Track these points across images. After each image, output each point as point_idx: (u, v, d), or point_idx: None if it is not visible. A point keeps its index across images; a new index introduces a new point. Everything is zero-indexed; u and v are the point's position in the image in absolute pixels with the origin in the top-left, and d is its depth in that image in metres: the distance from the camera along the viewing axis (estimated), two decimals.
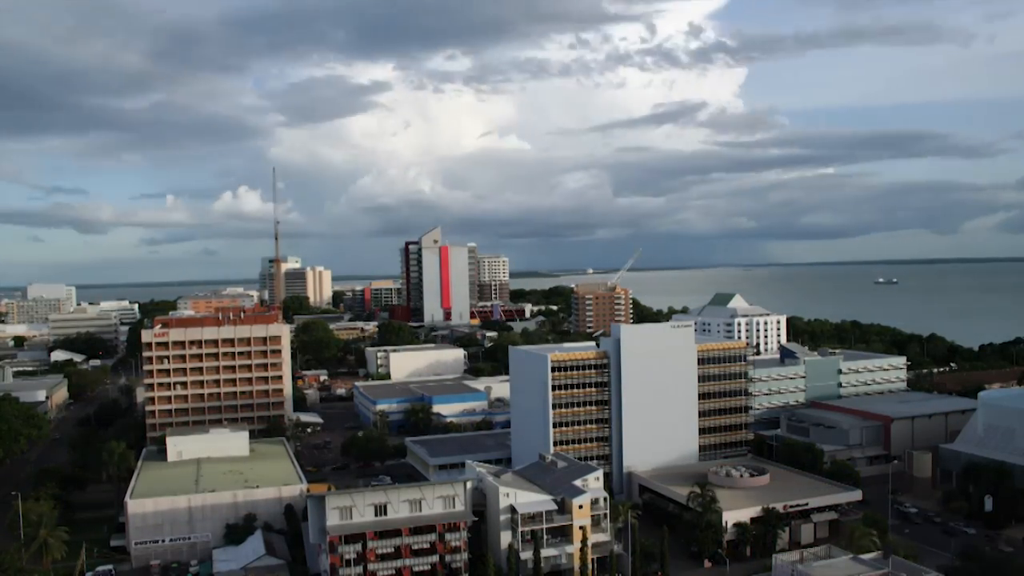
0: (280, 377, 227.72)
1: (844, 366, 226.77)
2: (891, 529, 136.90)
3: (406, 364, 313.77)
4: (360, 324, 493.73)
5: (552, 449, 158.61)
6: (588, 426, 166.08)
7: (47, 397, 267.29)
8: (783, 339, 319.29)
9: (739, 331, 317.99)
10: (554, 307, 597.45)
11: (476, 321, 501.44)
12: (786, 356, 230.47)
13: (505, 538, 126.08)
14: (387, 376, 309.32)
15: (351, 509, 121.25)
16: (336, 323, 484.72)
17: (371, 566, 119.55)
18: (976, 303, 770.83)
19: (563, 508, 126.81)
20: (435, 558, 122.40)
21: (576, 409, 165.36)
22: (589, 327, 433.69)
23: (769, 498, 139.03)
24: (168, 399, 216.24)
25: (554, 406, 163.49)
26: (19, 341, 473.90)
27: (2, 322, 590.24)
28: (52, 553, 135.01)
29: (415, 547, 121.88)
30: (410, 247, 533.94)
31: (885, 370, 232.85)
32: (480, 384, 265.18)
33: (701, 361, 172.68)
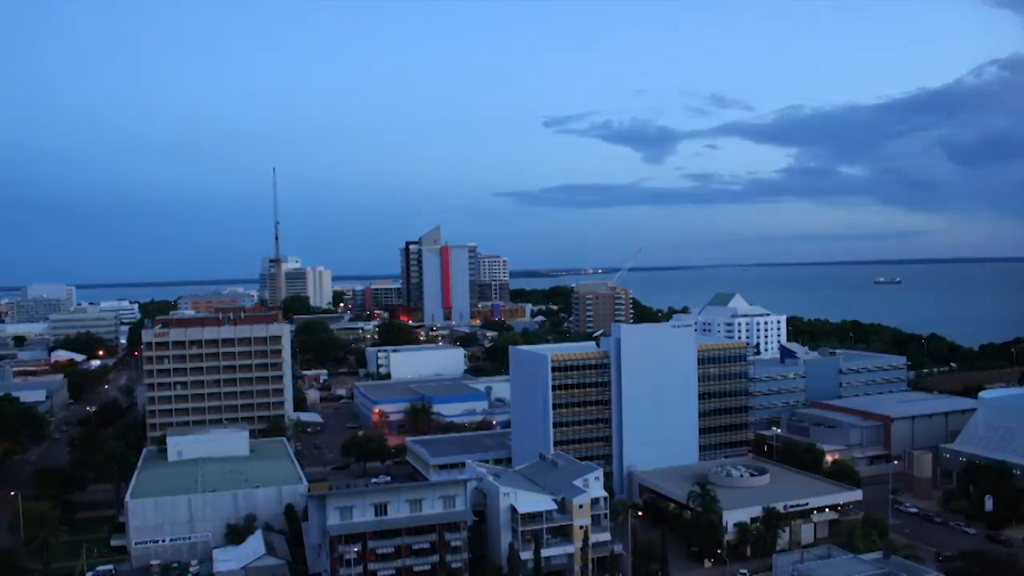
0: (280, 377, 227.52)
1: (844, 366, 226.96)
2: (891, 529, 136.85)
3: (406, 364, 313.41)
4: (360, 324, 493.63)
5: (552, 449, 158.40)
6: (588, 426, 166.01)
7: (47, 397, 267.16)
8: (783, 339, 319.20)
9: (739, 331, 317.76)
10: (554, 307, 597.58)
11: (476, 321, 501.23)
12: (786, 356, 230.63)
13: (505, 538, 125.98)
14: (387, 376, 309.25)
15: (351, 509, 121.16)
16: (336, 323, 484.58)
17: (371, 566, 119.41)
18: None
19: (563, 508, 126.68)
20: (435, 558, 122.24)
21: (576, 409, 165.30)
22: (589, 327, 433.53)
23: (769, 498, 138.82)
24: (168, 399, 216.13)
25: (554, 406, 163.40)
26: (19, 341, 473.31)
27: (2, 322, 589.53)
28: (52, 553, 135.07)
29: (415, 547, 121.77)
30: (410, 247, 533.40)
31: (885, 370, 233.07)
32: (480, 384, 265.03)
33: (701, 361, 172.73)
